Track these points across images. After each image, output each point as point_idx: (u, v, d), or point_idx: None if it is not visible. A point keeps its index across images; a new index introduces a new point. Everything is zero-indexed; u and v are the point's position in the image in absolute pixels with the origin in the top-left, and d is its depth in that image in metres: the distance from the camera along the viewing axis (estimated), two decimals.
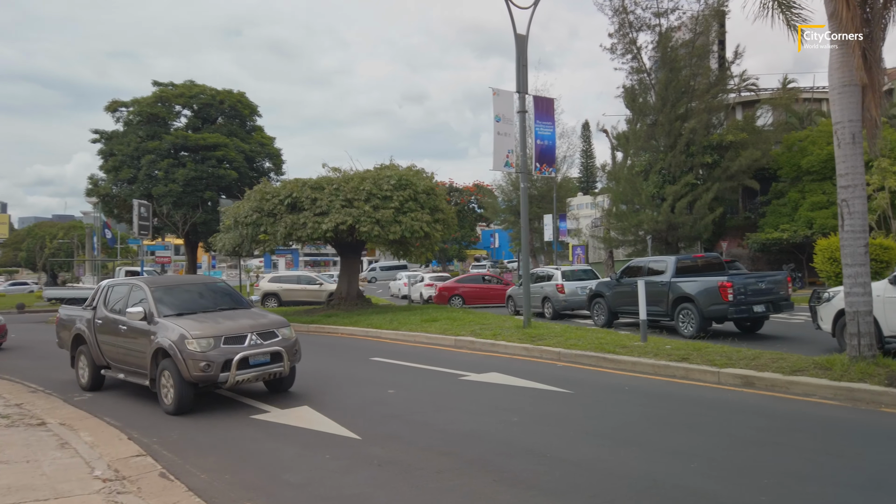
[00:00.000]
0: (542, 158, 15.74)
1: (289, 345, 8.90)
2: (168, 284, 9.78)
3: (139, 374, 9.06)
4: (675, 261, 15.37)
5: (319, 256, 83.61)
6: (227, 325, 8.59)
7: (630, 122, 35.27)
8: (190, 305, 9.29)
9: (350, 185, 19.09)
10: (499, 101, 14.58)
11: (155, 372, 8.58)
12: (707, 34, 32.98)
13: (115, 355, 9.58)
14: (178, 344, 8.15)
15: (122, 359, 9.43)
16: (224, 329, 8.47)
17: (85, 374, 10.28)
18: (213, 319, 8.78)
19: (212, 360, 8.08)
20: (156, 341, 8.46)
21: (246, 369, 8.34)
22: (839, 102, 8.43)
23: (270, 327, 8.91)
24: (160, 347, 8.38)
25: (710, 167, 32.00)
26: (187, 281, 10.46)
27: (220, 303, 9.70)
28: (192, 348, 8.06)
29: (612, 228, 35.92)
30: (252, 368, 8.41)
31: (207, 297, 9.75)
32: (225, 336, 8.35)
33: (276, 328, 8.97)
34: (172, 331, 8.35)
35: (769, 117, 37.23)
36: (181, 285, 9.91)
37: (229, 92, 43.91)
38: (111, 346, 9.62)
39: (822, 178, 30.14)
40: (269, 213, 18.97)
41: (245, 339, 8.47)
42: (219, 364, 8.10)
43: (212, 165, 40.16)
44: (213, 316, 8.99)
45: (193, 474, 5.91)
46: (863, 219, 8.43)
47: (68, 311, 11.19)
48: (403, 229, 19.01)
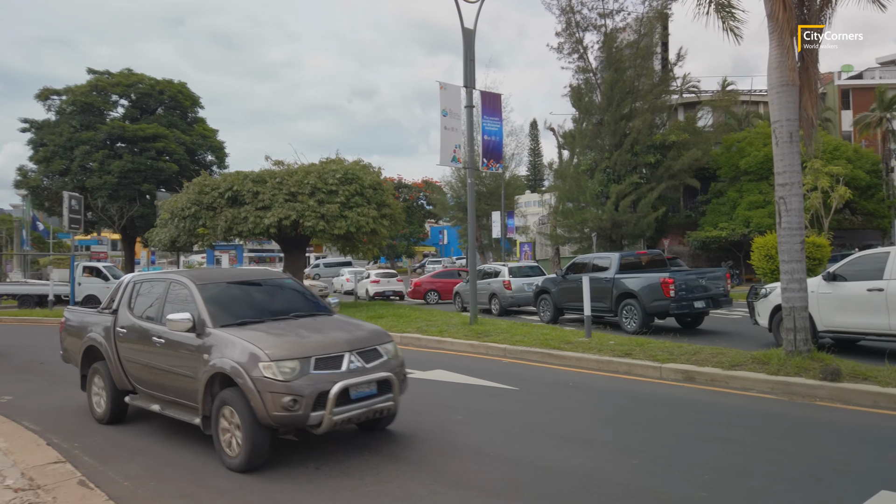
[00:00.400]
0: (490, 154, 15.66)
1: (397, 367, 6.29)
2: (222, 280, 7.10)
3: (183, 406, 6.42)
4: (619, 257, 15.55)
5: (265, 252, 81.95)
6: (314, 341, 5.98)
7: (576, 121, 35.75)
8: (254, 310, 6.73)
9: (294, 178, 18.64)
10: (446, 95, 14.42)
11: (210, 407, 5.93)
12: (651, 36, 33.65)
13: (147, 378, 6.91)
14: (247, 368, 5.54)
15: (158, 383, 6.75)
16: (312, 346, 5.87)
17: (101, 400, 7.59)
18: (293, 331, 6.23)
19: (299, 392, 5.43)
20: (212, 363, 5.84)
21: (347, 405, 5.65)
22: (777, 102, 8.58)
23: (371, 342, 6.29)
24: (219, 372, 5.78)
25: (653, 167, 32.70)
26: (246, 276, 7.63)
27: (294, 306, 7.08)
28: (271, 375, 5.45)
29: (558, 226, 36.32)
30: (354, 404, 5.72)
31: (276, 299, 7.21)
32: (315, 356, 5.72)
33: (379, 344, 6.34)
34: (237, 348, 5.76)
35: (709, 118, 38.33)
36: (240, 282, 7.23)
37: (169, 82, 42.49)
38: (140, 364, 6.98)
39: (759, 179, 31.17)
40: (208, 206, 18.34)
41: (342, 361, 5.84)
42: (310, 399, 5.45)
43: (150, 157, 38.80)
44: (289, 326, 6.42)
45: (116, 481, 5.54)
46: (799, 216, 8.61)
47: (78, 314, 8.56)
48: (349, 224, 18.67)
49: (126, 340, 7.18)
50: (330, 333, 6.23)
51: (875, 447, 5.74)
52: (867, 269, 10.14)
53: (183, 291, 6.73)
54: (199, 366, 6.02)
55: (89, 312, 8.28)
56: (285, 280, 7.80)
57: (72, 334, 8.37)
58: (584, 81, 34.64)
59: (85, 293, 26.76)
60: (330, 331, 6.33)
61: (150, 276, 7.66)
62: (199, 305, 6.37)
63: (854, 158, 31.39)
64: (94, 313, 8.10)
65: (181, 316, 6.18)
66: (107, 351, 7.39)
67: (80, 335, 8.05)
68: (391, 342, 6.51)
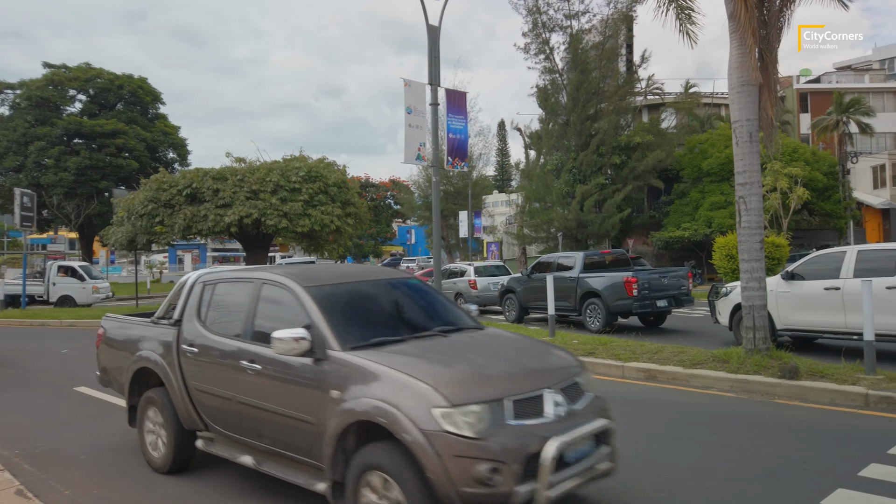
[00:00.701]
0: (455, 152, 15.54)
1: (606, 409, 4.40)
2: (335, 281, 5.01)
3: (295, 463, 4.49)
4: (583, 257, 15.60)
5: (229, 252, 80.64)
6: (500, 372, 4.14)
7: (543, 122, 35.93)
8: (388, 324, 4.92)
9: (256, 176, 18.29)
10: (410, 92, 14.25)
11: (343, 470, 4.02)
12: (616, 37, 33.98)
13: (232, 418, 4.98)
14: (412, 415, 3.62)
15: (250, 427, 4.81)
16: (501, 381, 3.99)
17: (159, 442, 5.64)
18: (460, 356, 4.35)
19: (500, 455, 3.52)
20: (347, 405, 3.94)
21: (562, 472, 3.71)
22: (738, 101, 8.64)
23: (570, 373, 4.36)
24: (364, 419, 3.86)
25: (618, 167, 33.03)
26: (361, 275, 5.54)
27: (434, 316, 5.15)
28: (453, 428, 3.53)
29: (525, 225, 36.46)
30: (570, 469, 3.80)
31: (409, 307, 5.32)
32: (511, 398, 3.80)
33: (577, 374, 4.42)
34: (389, 382, 3.86)
35: (673, 120, 38.89)
36: (356, 283, 5.19)
37: (129, 77, 41.52)
38: (220, 398, 5.01)
39: (721, 180, 31.69)
40: (166, 204, 17.87)
41: (544, 404, 3.91)
42: (516, 466, 3.54)
43: (109, 154, 37.86)
44: (448, 347, 4.50)
45: (56, 490, 5.28)
46: (759, 215, 8.69)
47: (123, 324, 6.47)
48: (313, 222, 18.40)
49: (197, 363, 5.23)
50: (517, 360, 4.35)
51: (832, 445, 5.77)
52: (824, 269, 10.30)
53: (283, 296, 4.77)
54: (324, 407, 4.07)
55: (139, 322, 6.24)
56: (410, 280, 5.65)
57: (115, 350, 6.40)
58: (551, 82, 34.84)
59: (60, 294, 26.00)
60: (513, 356, 4.45)
61: (228, 276, 5.63)
62: (314, 317, 4.39)
63: (812, 160, 32.14)
64: (145, 324, 6.09)
65: (293, 333, 4.19)
66: (168, 376, 5.43)
67: (126, 352, 6.09)
68: (583, 368, 4.55)
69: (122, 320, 6.59)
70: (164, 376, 5.48)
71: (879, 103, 43.44)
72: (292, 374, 4.38)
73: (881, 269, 9.43)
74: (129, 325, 6.37)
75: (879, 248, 10.72)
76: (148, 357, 5.70)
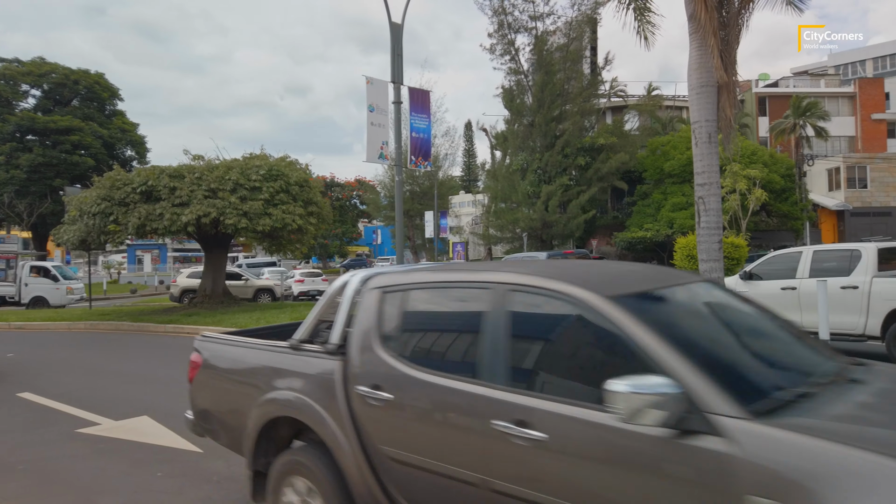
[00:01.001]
0: (418, 151, 15.42)
1: None
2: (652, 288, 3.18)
3: None
4: (547, 257, 15.62)
5: (190, 252, 79.12)
6: None
7: (509, 123, 36.05)
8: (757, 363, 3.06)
9: (214, 174, 17.86)
10: (373, 90, 14.09)
11: None
12: (580, 40, 34.28)
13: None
14: None
15: None
16: None
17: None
18: None
19: None
20: None
21: None
22: (697, 102, 8.69)
23: None
24: None
25: (583, 169, 33.29)
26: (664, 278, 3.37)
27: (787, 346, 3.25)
28: None
29: (490, 226, 36.52)
30: None
31: (751, 332, 3.35)
32: None
33: None
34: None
35: (636, 122, 39.38)
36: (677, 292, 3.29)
37: (86, 72, 40.39)
38: (447, 478, 3.04)
39: (683, 181, 32.17)
40: (120, 202, 17.31)
41: None
42: None
43: (64, 151, 36.78)
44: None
45: None
46: (717, 215, 8.75)
47: (236, 348, 4.41)
48: (274, 222, 18.04)
49: (391, 416, 3.33)
50: None
51: None
52: (781, 269, 10.45)
53: (564, 312, 2.96)
54: None
55: (264, 347, 4.16)
56: (712, 285, 3.63)
57: (225, 386, 4.39)
58: (516, 83, 34.98)
59: (32, 295, 25.09)
60: None
61: (429, 279, 3.63)
62: (659, 354, 2.52)
63: (770, 163, 32.85)
64: (276, 349, 4.05)
65: (651, 385, 2.31)
66: (333, 434, 3.47)
67: (247, 390, 4.08)
68: None
69: (232, 343, 4.43)
70: (326, 433, 3.49)
71: (834, 107, 44.70)
72: (640, 455, 2.42)
73: (836, 270, 9.58)
74: (248, 349, 4.23)
75: (834, 249, 10.91)
76: (291, 402, 3.69)
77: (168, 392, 9.07)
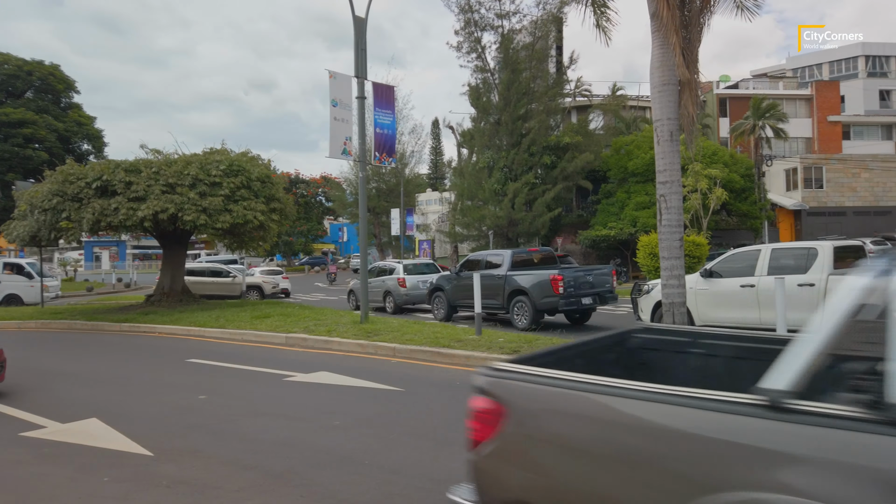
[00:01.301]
0: (382, 148, 15.24)
1: None
2: None
3: None
4: (511, 254, 15.58)
5: (150, 249, 77.36)
6: None
7: (475, 121, 36.03)
8: None
9: (172, 169, 17.38)
10: (336, 84, 13.86)
11: None
12: (546, 39, 34.41)
13: None
14: None
15: None
16: None
17: None
18: None
19: None
20: None
21: None
22: (659, 101, 8.72)
23: None
24: None
25: (549, 168, 33.46)
26: None
27: None
28: None
29: (457, 223, 36.46)
30: None
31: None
32: None
33: None
34: None
35: (600, 121, 39.73)
36: None
37: (40, 63, 39.08)
38: None
39: (646, 180, 32.56)
40: (73, 197, 16.73)
41: None
42: None
43: (17, 144, 35.58)
44: None
45: None
46: (678, 214, 8.79)
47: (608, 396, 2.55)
48: (234, 218, 17.65)
49: None
50: None
51: None
52: (741, 267, 10.59)
53: None
54: None
55: (694, 399, 2.33)
56: None
57: (587, 468, 2.59)
58: (483, 81, 34.96)
59: (6, 292, 24.32)
60: None
61: None
62: None
63: (730, 163, 33.45)
64: (729, 405, 2.24)
65: None
66: None
67: (657, 482, 2.35)
68: None
69: (592, 387, 2.63)
70: None
71: (792, 109, 45.77)
72: None
73: (793, 267, 9.74)
74: (644, 403, 2.44)
75: (792, 247, 11.10)
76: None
77: (120, 393, 8.78)
